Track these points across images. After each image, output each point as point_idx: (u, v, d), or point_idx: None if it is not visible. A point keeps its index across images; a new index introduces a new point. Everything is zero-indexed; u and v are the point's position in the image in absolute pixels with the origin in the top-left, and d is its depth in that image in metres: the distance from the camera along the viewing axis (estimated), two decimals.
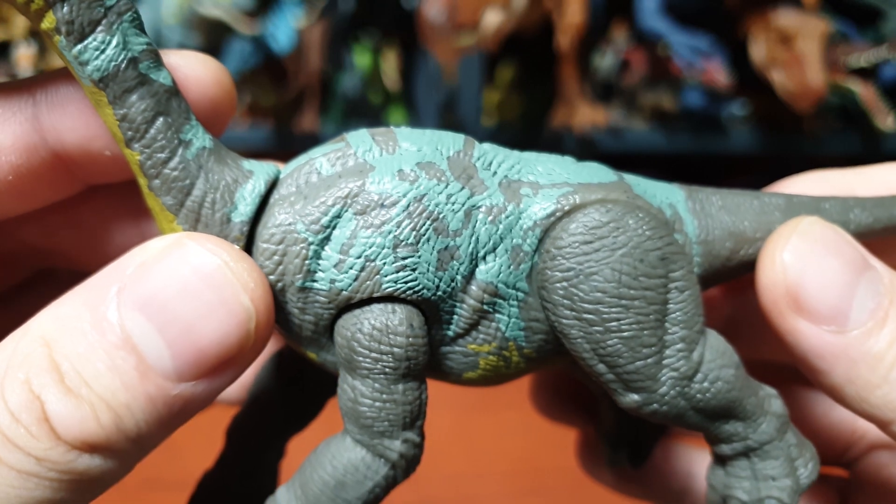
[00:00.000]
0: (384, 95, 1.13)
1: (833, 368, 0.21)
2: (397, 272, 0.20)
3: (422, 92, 1.10)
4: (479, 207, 0.21)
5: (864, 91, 1.03)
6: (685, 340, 0.21)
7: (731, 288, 0.29)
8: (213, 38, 1.01)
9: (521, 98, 1.17)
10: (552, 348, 0.23)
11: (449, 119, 1.10)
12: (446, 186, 0.21)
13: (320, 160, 0.21)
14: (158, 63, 0.20)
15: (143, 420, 0.18)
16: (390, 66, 1.10)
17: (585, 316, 0.21)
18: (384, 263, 0.20)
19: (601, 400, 0.30)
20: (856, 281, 0.21)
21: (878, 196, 0.24)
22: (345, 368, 0.21)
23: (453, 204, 0.21)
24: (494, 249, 0.21)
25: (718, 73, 1.01)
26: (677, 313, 0.21)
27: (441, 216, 0.21)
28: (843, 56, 1.04)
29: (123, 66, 0.20)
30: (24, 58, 1.03)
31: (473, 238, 0.21)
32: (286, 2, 1.02)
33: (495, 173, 0.22)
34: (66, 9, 0.19)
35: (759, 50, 1.00)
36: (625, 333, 0.21)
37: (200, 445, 0.27)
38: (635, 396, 0.22)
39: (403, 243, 0.20)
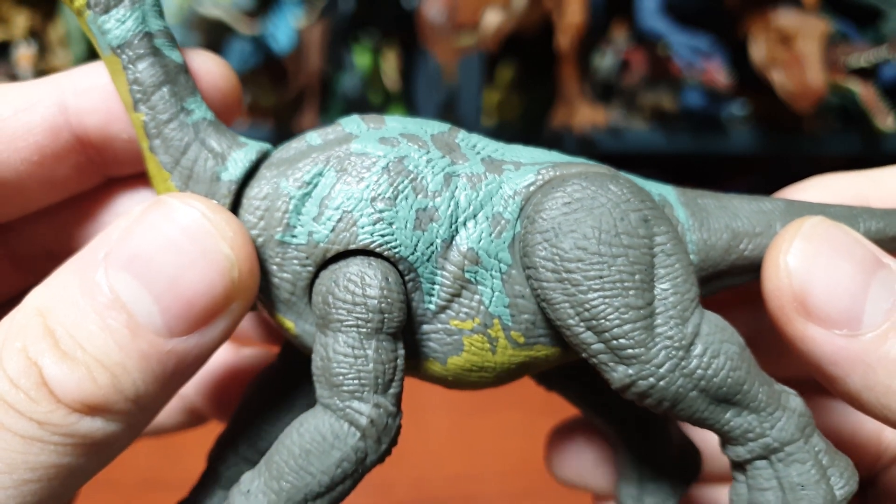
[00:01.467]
0: (384, 95, 1.13)
1: (849, 375, 0.19)
2: (374, 224, 0.21)
3: (422, 92, 1.10)
4: (459, 175, 0.22)
5: (864, 91, 1.03)
6: (677, 307, 0.20)
7: (748, 302, 0.27)
8: (213, 38, 1.01)
9: (521, 98, 1.17)
10: (541, 333, 0.22)
11: (449, 119, 1.10)
12: (427, 153, 0.22)
13: (311, 134, 0.23)
14: (173, 44, 0.23)
15: (139, 378, 0.18)
16: (390, 66, 1.10)
17: (567, 276, 0.20)
18: (361, 215, 0.21)
19: (620, 454, 0.28)
20: (868, 281, 0.20)
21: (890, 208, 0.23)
22: (320, 329, 0.21)
23: (433, 167, 0.21)
24: (475, 216, 0.21)
25: (718, 73, 1.01)
26: (665, 278, 0.20)
27: (420, 177, 0.21)
28: (843, 56, 1.04)
29: (140, 37, 0.22)
30: (24, 58, 1.03)
31: (453, 202, 0.21)
32: (286, 2, 1.02)
33: (478, 153, 0.23)
34: None
35: (759, 50, 0.99)
36: (608, 292, 0.20)
37: (200, 446, 0.27)
38: (628, 370, 0.20)
39: (381, 197, 0.21)
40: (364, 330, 0.20)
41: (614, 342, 0.20)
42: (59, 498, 0.18)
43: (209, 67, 0.24)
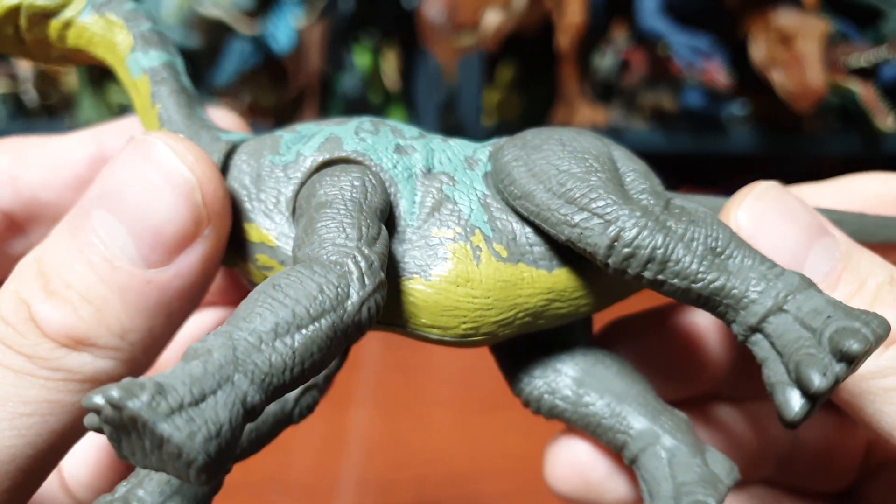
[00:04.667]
0: (384, 95, 1.13)
1: None
2: (358, 143, 0.22)
3: (422, 92, 1.10)
4: (434, 138, 0.23)
5: (864, 91, 1.03)
6: (647, 192, 0.20)
7: None
8: (213, 38, 1.01)
9: (521, 98, 1.17)
10: (524, 251, 0.21)
11: (449, 119, 1.10)
12: (404, 129, 0.23)
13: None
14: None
15: (122, 312, 0.18)
16: (390, 66, 1.10)
17: (537, 161, 0.21)
18: (345, 138, 0.22)
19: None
20: (810, 245, 0.20)
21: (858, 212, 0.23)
22: (302, 217, 0.20)
23: (409, 128, 0.23)
24: (450, 159, 0.23)
25: (718, 73, 1.01)
26: (630, 174, 0.21)
27: (398, 127, 0.23)
28: (843, 56, 1.04)
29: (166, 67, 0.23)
30: None
31: (428, 147, 0.23)
32: (286, 2, 1.02)
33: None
34: None
35: (759, 50, 1.00)
36: (579, 162, 0.20)
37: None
38: (611, 226, 0.19)
39: (364, 130, 0.22)
40: (348, 200, 0.19)
41: (594, 204, 0.19)
42: (64, 436, 0.18)
43: (227, 122, 0.25)
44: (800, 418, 0.16)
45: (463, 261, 0.21)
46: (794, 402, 0.17)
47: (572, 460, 0.25)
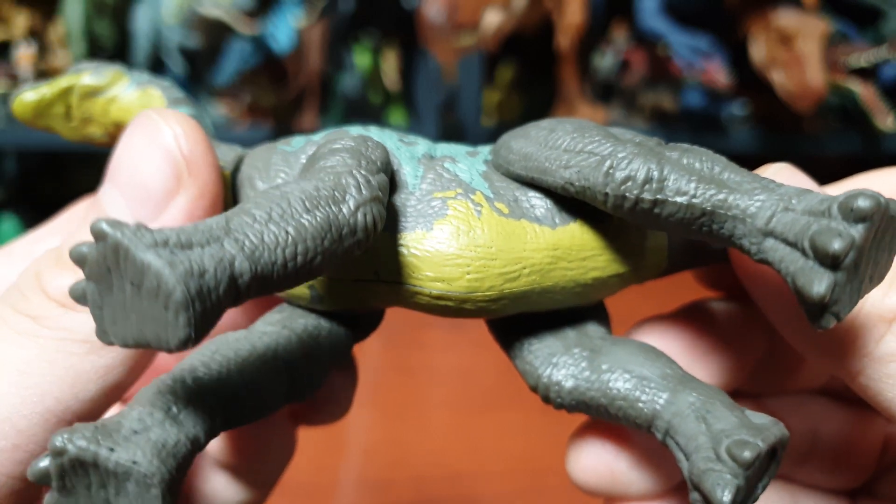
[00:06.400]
0: (384, 95, 1.13)
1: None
2: (363, 129, 0.22)
3: (422, 92, 1.10)
4: (437, 142, 0.24)
5: (864, 91, 1.03)
6: (641, 139, 0.21)
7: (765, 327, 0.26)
8: (213, 38, 1.01)
9: (521, 98, 1.17)
10: (525, 210, 0.21)
11: (449, 119, 1.10)
12: (408, 135, 0.24)
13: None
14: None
15: None
16: (390, 66, 1.10)
17: (534, 135, 0.21)
18: (351, 129, 0.22)
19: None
20: None
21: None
22: (301, 171, 0.21)
23: (413, 136, 0.24)
24: (451, 150, 0.23)
25: (718, 73, 1.01)
26: (627, 135, 0.22)
27: (402, 133, 0.24)
28: (843, 56, 1.04)
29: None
30: (24, 58, 1.03)
31: (429, 142, 0.24)
32: (286, 2, 1.02)
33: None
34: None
35: (759, 50, 0.99)
36: (572, 129, 0.21)
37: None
38: (606, 162, 0.19)
39: (368, 128, 0.23)
40: (350, 148, 0.19)
41: (590, 146, 0.19)
42: (62, 400, 0.19)
43: None
44: (827, 291, 0.15)
45: (464, 213, 0.20)
46: (818, 276, 0.15)
47: (598, 452, 0.25)
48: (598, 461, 0.25)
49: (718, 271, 0.26)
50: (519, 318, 0.23)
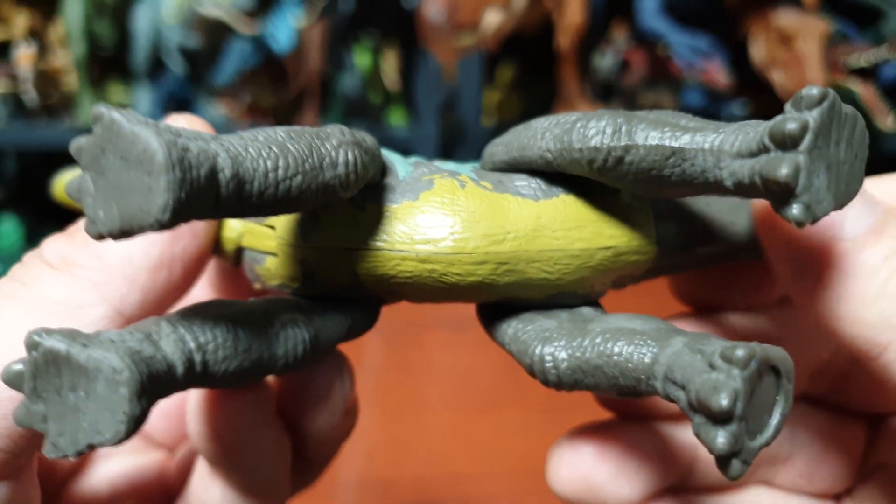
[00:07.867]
0: (384, 95, 1.13)
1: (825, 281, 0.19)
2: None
3: (422, 92, 1.10)
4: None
5: (864, 91, 1.03)
6: None
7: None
8: (213, 38, 1.01)
9: (521, 98, 1.17)
10: (509, 188, 0.22)
11: (449, 119, 1.10)
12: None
13: None
14: None
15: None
16: (390, 66, 1.11)
17: (517, 130, 0.23)
18: None
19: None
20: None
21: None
22: None
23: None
24: (441, 161, 0.24)
25: (718, 73, 1.01)
26: None
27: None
28: (843, 56, 1.04)
29: None
30: (24, 58, 1.03)
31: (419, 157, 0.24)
32: (286, 2, 1.02)
33: None
34: None
35: (759, 50, 1.00)
36: (552, 118, 0.22)
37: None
38: (578, 124, 0.20)
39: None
40: (339, 126, 0.20)
41: (564, 119, 0.21)
42: None
43: None
44: (791, 169, 0.16)
45: (448, 189, 0.22)
46: (780, 160, 0.16)
47: (576, 463, 0.25)
48: (575, 472, 0.25)
49: (694, 283, 0.27)
50: (512, 308, 0.23)
